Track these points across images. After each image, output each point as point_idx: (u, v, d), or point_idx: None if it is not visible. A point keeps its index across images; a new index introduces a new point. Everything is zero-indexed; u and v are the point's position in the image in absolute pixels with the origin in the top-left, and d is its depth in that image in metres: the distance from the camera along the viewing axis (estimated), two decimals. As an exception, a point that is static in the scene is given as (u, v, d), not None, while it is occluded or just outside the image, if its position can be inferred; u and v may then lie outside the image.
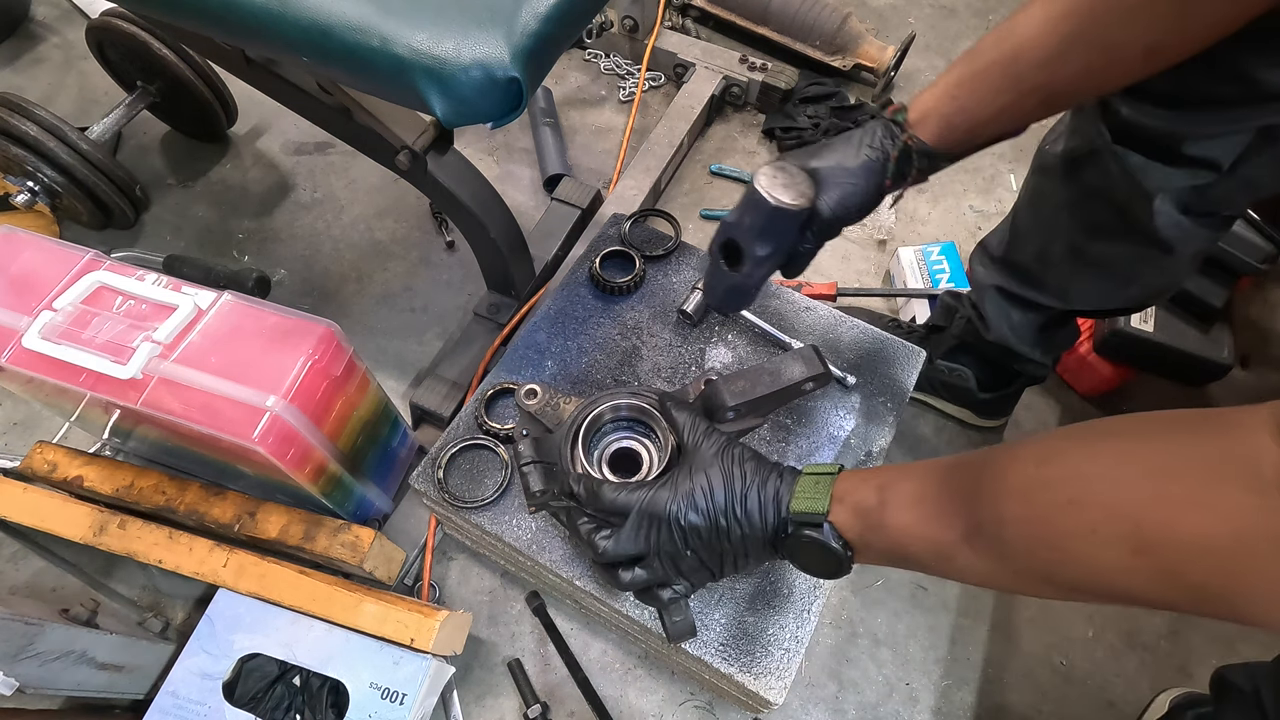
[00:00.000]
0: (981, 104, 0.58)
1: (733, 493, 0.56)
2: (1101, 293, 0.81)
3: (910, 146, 0.61)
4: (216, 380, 0.69)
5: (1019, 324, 0.90)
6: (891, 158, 0.61)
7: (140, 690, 0.83)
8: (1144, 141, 0.66)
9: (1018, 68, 0.55)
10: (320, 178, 1.34)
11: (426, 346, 1.16)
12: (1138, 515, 0.37)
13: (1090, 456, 0.41)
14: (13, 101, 1.06)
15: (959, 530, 0.46)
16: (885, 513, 0.51)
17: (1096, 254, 0.77)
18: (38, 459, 0.88)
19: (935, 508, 0.48)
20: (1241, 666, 0.70)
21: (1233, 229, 1.02)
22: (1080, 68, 0.54)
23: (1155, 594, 0.39)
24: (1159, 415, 0.41)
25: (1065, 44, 0.52)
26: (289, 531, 0.83)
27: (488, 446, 0.79)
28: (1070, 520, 0.40)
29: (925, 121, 0.60)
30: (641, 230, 0.96)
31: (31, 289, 0.73)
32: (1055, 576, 0.43)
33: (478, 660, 0.91)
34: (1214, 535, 0.35)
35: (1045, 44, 0.53)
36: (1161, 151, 0.66)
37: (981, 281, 0.90)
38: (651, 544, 0.57)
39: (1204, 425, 0.38)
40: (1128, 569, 0.38)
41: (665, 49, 1.43)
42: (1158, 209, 0.68)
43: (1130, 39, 0.51)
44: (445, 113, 0.62)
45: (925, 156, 0.61)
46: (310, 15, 0.61)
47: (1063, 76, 0.54)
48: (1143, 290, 0.80)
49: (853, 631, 0.95)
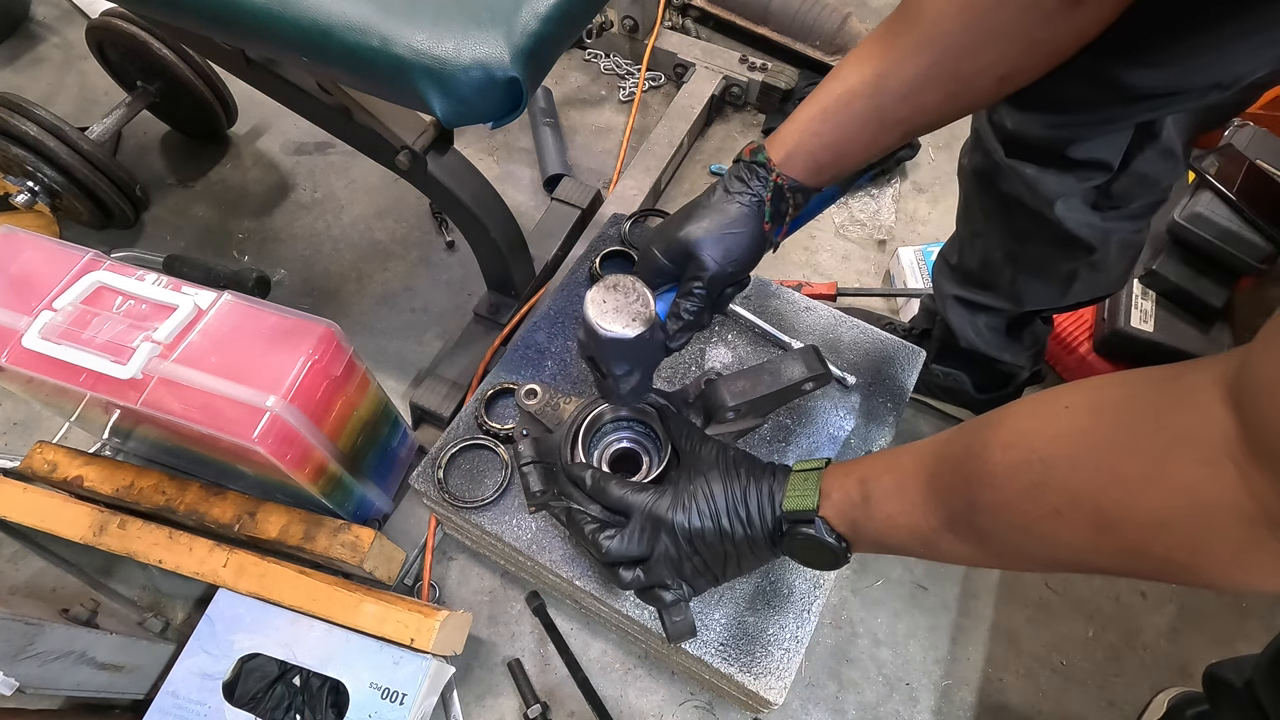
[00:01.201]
0: (846, 138, 0.57)
1: (733, 495, 0.57)
2: (1048, 293, 0.83)
3: (781, 185, 0.60)
4: (216, 380, 0.69)
5: (983, 329, 0.91)
6: (765, 199, 0.60)
7: (140, 690, 0.83)
8: (1033, 151, 0.69)
9: (880, 100, 0.55)
10: (320, 178, 1.34)
11: (426, 346, 1.16)
12: (1097, 496, 0.38)
13: (1050, 439, 0.41)
14: (13, 101, 1.06)
15: (940, 518, 0.48)
16: (870, 505, 0.52)
17: (1029, 258, 0.80)
18: (38, 459, 0.88)
19: (915, 497, 0.49)
20: (1231, 662, 0.71)
21: (1233, 229, 1.02)
22: (939, 97, 0.54)
23: (1124, 567, 0.40)
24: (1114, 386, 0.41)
25: (923, 76, 0.53)
26: (289, 531, 0.83)
27: (488, 446, 0.79)
28: (1036, 504, 0.41)
29: (792, 159, 0.59)
30: (641, 230, 0.96)
31: (31, 289, 0.73)
32: (1032, 556, 0.45)
33: (478, 660, 0.91)
34: (1171, 510, 0.36)
35: (904, 76, 0.54)
36: (1051, 158, 0.68)
37: (943, 291, 0.91)
38: (654, 549, 0.58)
39: (1157, 394, 0.38)
40: (1094, 546, 0.40)
41: (665, 49, 1.43)
42: (1060, 214, 0.71)
43: (983, 69, 0.52)
44: (445, 113, 0.62)
45: (798, 192, 0.60)
46: (310, 15, 0.61)
47: (923, 107, 0.55)
48: (1086, 288, 0.81)
49: (853, 631, 0.95)
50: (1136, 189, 0.71)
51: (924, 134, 0.60)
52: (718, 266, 0.59)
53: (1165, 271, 1.05)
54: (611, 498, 0.60)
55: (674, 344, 0.62)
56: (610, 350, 0.58)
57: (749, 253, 0.61)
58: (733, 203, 0.60)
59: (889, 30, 0.55)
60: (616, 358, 0.59)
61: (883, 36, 0.55)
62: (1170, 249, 1.07)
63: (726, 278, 0.60)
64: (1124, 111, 0.61)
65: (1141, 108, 0.60)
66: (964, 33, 0.51)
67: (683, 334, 0.62)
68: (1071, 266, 0.78)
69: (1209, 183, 1.05)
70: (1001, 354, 0.93)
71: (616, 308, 0.56)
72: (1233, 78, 0.56)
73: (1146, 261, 1.07)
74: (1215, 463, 0.34)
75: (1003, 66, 0.52)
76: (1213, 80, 0.56)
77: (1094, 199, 0.71)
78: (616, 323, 0.55)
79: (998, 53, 0.51)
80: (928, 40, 0.52)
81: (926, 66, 0.53)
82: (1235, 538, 0.34)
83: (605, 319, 0.56)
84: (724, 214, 0.60)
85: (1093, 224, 0.72)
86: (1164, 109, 0.62)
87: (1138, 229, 0.76)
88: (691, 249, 0.60)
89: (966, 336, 0.92)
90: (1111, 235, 0.74)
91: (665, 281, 0.63)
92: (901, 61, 0.54)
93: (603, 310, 0.56)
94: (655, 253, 0.62)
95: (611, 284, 0.57)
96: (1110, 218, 0.73)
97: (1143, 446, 0.37)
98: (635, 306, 0.56)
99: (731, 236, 0.59)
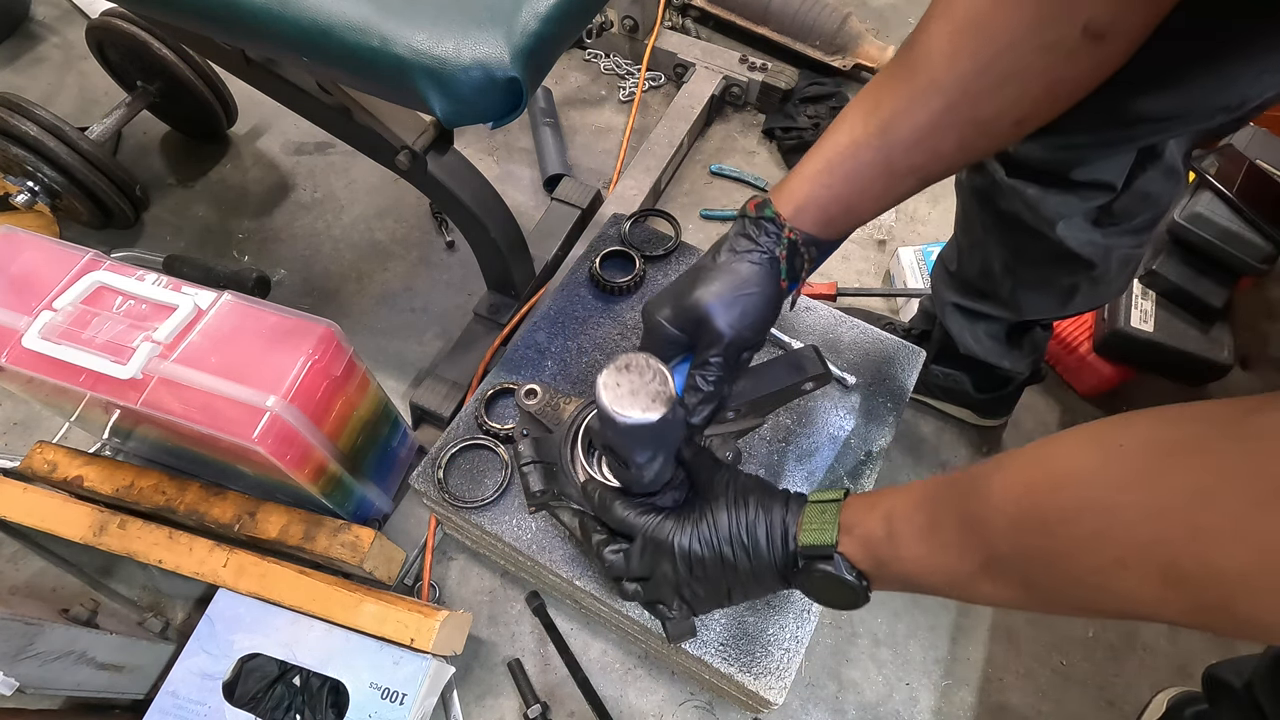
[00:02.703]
0: (855, 189, 0.54)
1: (738, 524, 0.54)
2: (1048, 304, 0.82)
3: (795, 240, 0.56)
4: (216, 380, 0.69)
5: (982, 337, 0.91)
6: (780, 257, 0.56)
7: (140, 690, 0.83)
8: (1035, 172, 0.67)
9: (889, 150, 0.52)
10: (320, 178, 1.34)
11: (426, 346, 1.16)
12: (1171, 549, 0.34)
13: (1111, 484, 0.37)
14: (13, 101, 1.06)
15: (976, 562, 0.44)
16: (896, 544, 0.48)
17: (1029, 272, 0.79)
18: (38, 459, 0.88)
19: (949, 538, 0.45)
20: (1230, 662, 0.71)
21: (1233, 229, 1.02)
22: (954, 144, 0.51)
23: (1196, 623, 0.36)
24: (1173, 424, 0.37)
25: (934, 123, 0.50)
26: (289, 531, 0.83)
27: (488, 446, 0.79)
28: (1095, 555, 0.37)
29: (803, 212, 0.56)
30: (641, 230, 0.96)
31: (31, 289, 0.73)
32: (1085, 605, 0.41)
33: (478, 660, 0.91)
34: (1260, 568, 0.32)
35: (914, 123, 0.51)
36: (1053, 179, 0.67)
37: (942, 299, 0.91)
38: (655, 571, 0.57)
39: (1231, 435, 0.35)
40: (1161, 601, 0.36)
41: (665, 49, 1.43)
42: (1062, 234, 0.70)
43: (1000, 113, 0.50)
44: (445, 113, 0.62)
45: (813, 246, 0.57)
46: (310, 15, 0.61)
47: (937, 155, 0.52)
48: (1086, 300, 0.80)
49: (853, 631, 0.95)
50: (1139, 206, 0.70)
51: (938, 181, 0.55)
52: (734, 332, 0.55)
53: (1165, 271, 1.05)
54: (615, 518, 0.58)
55: (695, 419, 0.57)
56: (631, 438, 0.52)
57: (765, 314, 0.57)
58: (743, 262, 0.56)
59: (893, 74, 0.52)
60: (638, 445, 0.53)
61: (888, 81, 0.52)
62: (1170, 249, 1.07)
63: (744, 343, 0.56)
64: (1128, 134, 0.60)
65: (1146, 131, 0.59)
66: (979, 76, 0.48)
67: (703, 407, 0.57)
68: (1072, 280, 0.77)
69: (1209, 183, 1.05)
70: (1001, 361, 0.93)
71: (633, 390, 0.50)
72: (1239, 101, 0.55)
73: (1147, 261, 1.07)
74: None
75: (1021, 109, 0.49)
76: (1219, 104, 0.55)
77: (1095, 216, 0.70)
78: (635, 407, 0.50)
79: (1015, 94, 0.48)
80: (938, 86, 0.49)
81: (938, 113, 0.50)
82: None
83: (622, 405, 0.50)
84: (735, 275, 0.56)
85: (1094, 241, 0.71)
86: (1169, 132, 0.61)
87: (1139, 243, 0.75)
88: (704, 316, 0.55)
89: (965, 344, 0.92)
90: (1113, 251, 0.73)
91: (677, 353, 0.59)
92: (911, 108, 0.50)
93: (618, 395, 0.50)
94: (662, 322, 0.58)
95: (624, 364, 0.51)
96: (1111, 234, 0.72)
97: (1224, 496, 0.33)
98: (653, 386, 0.50)
99: (746, 298, 0.55)
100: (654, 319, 0.59)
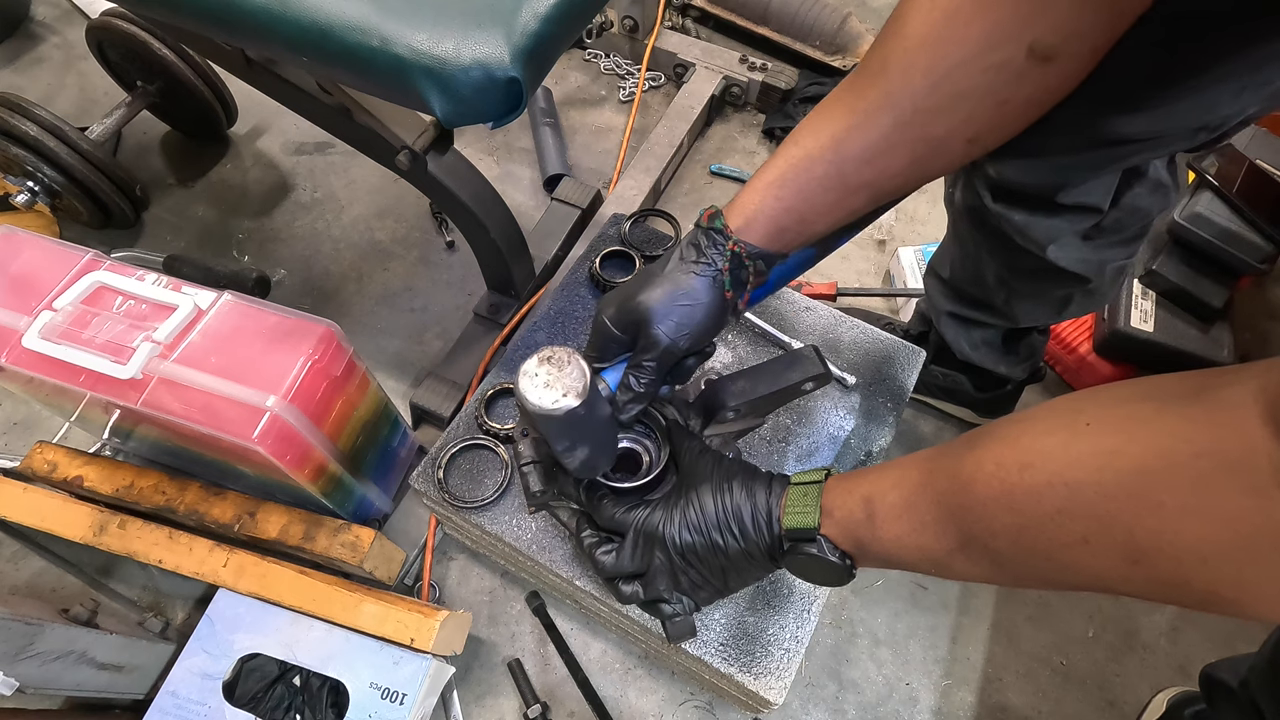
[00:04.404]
0: (807, 202, 0.54)
1: (724, 508, 0.55)
2: (1043, 313, 0.83)
3: (739, 253, 0.56)
4: (216, 380, 0.69)
5: (979, 343, 0.91)
6: (723, 269, 0.56)
7: (140, 690, 0.83)
8: (1021, 198, 0.67)
9: (841, 164, 0.52)
10: (320, 178, 1.34)
11: (426, 346, 1.16)
12: (1130, 525, 0.35)
13: (1074, 461, 0.38)
14: (13, 101, 1.06)
15: (951, 540, 0.45)
16: (875, 525, 0.50)
17: (1022, 286, 0.79)
18: (38, 459, 0.88)
19: (925, 517, 0.47)
20: (1227, 661, 0.71)
21: (1233, 229, 1.02)
22: (905, 161, 0.52)
23: (1159, 597, 0.38)
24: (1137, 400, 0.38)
25: (886, 139, 0.50)
26: (289, 531, 0.83)
27: (488, 446, 0.79)
28: (1060, 531, 0.38)
29: (752, 225, 0.56)
30: (641, 230, 0.96)
31: (31, 289, 0.73)
32: (1054, 580, 0.42)
33: (478, 660, 0.91)
34: (1214, 542, 0.33)
35: (867, 139, 0.51)
36: (1040, 204, 0.67)
37: (938, 307, 0.91)
38: (649, 563, 0.58)
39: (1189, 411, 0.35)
40: (1124, 577, 0.37)
41: (665, 49, 1.43)
42: (1054, 256, 0.70)
43: (951, 131, 0.50)
44: (445, 113, 0.62)
45: (759, 259, 0.57)
46: (310, 15, 0.61)
47: (888, 172, 0.52)
48: (1081, 306, 0.81)
49: (853, 631, 0.95)
50: (1129, 219, 0.70)
51: (892, 199, 0.56)
52: (669, 341, 0.56)
53: (1165, 271, 1.05)
54: (604, 517, 0.60)
55: (624, 416, 0.59)
56: (544, 426, 0.54)
57: (705, 325, 0.57)
58: (687, 272, 0.56)
59: (848, 89, 0.52)
60: (554, 433, 0.55)
61: (843, 96, 0.52)
62: (1170, 249, 1.07)
63: (679, 351, 0.57)
64: (1110, 155, 0.59)
65: (1127, 152, 0.59)
66: (929, 94, 0.48)
67: (632, 405, 0.58)
68: (1066, 292, 0.78)
69: (1209, 183, 1.05)
70: (998, 366, 0.94)
71: (549, 382, 0.52)
72: (1219, 120, 0.54)
73: (1146, 261, 1.07)
74: (1263, 493, 0.31)
75: (971, 128, 0.50)
76: (1198, 123, 0.55)
77: (1086, 232, 0.70)
78: (546, 398, 0.52)
79: (966, 113, 0.49)
80: (890, 101, 0.49)
81: (890, 129, 0.50)
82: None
83: (534, 393, 0.52)
84: (676, 284, 0.56)
85: (1087, 259, 0.72)
86: (1151, 153, 0.60)
87: (1130, 253, 0.75)
88: (643, 320, 0.56)
89: (962, 350, 0.92)
90: (1106, 264, 0.74)
91: (620, 352, 0.60)
92: (864, 123, 0.51)
93: (534, 384, 0.52)
94: (606, 321, 0.59)
95: (546, 355, 0.53)
96: (1103, 247, 0.72)
97: (1179, 472, 0.34)
98: (569, 380, 0.52)
99: (684, 309, 0.56)
100: (599, 317, 0.60)
